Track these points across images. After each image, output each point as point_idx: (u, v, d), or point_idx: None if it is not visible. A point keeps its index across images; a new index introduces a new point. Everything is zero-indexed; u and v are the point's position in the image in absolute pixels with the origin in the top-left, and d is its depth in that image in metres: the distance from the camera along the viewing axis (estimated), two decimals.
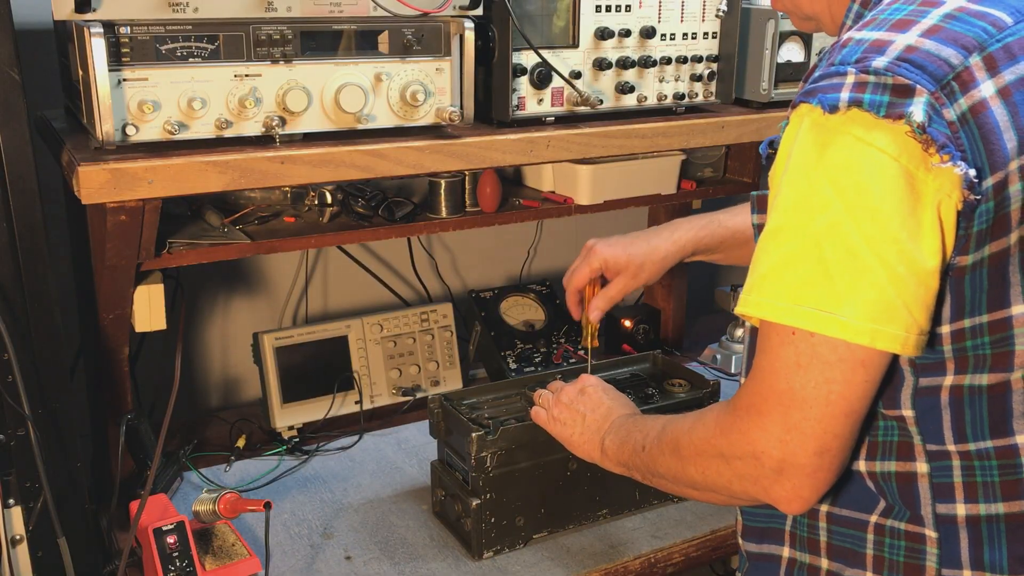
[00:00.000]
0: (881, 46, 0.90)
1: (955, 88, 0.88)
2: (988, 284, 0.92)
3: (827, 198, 0.89)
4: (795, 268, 0.91)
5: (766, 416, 0.96)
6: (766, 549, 1.15)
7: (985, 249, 0.91)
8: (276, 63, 1.36)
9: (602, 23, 1.60)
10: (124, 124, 1.28)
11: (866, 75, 0.89)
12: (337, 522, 1.63)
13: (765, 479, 0.98)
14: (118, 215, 1.34)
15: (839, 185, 0.89)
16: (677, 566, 1.59)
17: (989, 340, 0.94)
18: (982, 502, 0.98)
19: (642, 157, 1.86)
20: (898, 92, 0.87)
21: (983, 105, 0.88)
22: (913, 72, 0.87)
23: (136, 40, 1.27)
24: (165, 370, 1.68)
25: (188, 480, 1.75)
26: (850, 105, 0.88)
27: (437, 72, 1.47)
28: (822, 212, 0.89)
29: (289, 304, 2.16)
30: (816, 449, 0.94)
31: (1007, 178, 0.89)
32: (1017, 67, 0.90)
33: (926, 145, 0.86)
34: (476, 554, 1.54)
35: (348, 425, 1.93)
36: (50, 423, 1.31)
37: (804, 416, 0.93)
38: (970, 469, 0.98)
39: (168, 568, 1.38)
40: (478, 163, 1.53)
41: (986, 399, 0.96)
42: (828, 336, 0.90)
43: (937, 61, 0.88)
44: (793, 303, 0.91)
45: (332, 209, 1.69)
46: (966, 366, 0.96)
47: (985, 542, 0.98)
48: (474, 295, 2.15)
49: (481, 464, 1.50)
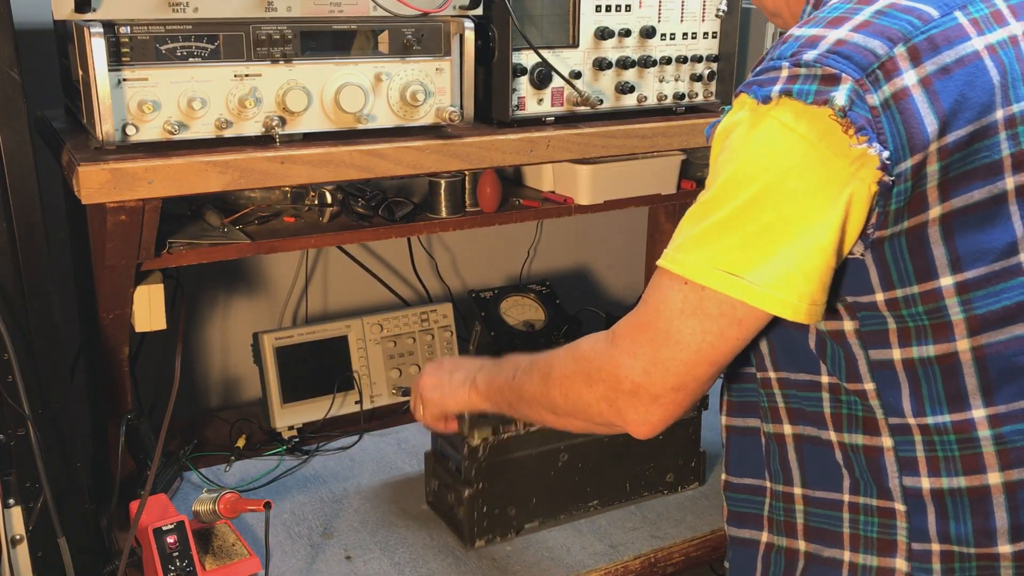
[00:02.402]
0: (815, 41, 0.97)
1: (879, 76, 0.94)
2: (909, 254, 0.98)
3: (751, 176, 0.97)
4: (716, 235, 0.98)
5: (638, 345, 1.04)
6: (746, 534, 1.19)
7: (903, 223, 0.97)
8: (276, 63, 1.36)
9: (602, 23, 1.60)
10: (124, 124, 1.28)
11: (798, 68, 0.96)
12: (337, 522, 1.63)
13: (620, 400, 1.06)
14: (118, 215, 1.34)
15: (763, 165, 0.96)
16: (677, 566, 1.59)
17: (923, 310, 0.99)
18: (944, 476, 1.01)
19: (642, 157, 1.86)
20: (826, 81, 0.94)
21: (905, 92, 0.94)
22: (840, 62, 0.94)
23: (136, 40, 1.27)
24: (165, 370, 1.68)
25: (188, 480, 1.75)
26: (780, 95, 0.95)
27: (437, 72, 1.47)
28: (746, 188, 0.97)
29: (289, 304, 2.16)
30: (675, 385, 1.03)
31: (926, 159, 0.95)
32: (939, 57, 0.96)
33: (845, 127, 0.92)
34: (468, 542, 1.56)
35: (348, 425, 1.93)
36: (50, 423, 1.31)
37: (672, 356, 1.01)
38: (931, 443, 1.01)
39: (168, 568, 1.38)
40: (478, 163, 1.53)
41: (939, 371, 1.00)
42: (725, 294, 0.97)
43: (863, 52, 0.94)
44: (709, 265, 0.98)
45: (332, 209, 1.69)
46: (909, 337, 1.00)
47: (951, 515, 1.02)
48: (474, 295, 2.15)
49: (473, 454, 1.52)
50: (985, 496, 1.01)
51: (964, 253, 0.98)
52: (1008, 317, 1.00)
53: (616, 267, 2.58)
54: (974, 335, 0.99)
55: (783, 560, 1.14)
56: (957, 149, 0.96)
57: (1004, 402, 1.00)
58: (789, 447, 1.12)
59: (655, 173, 1.93)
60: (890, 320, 1.01)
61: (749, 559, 1.18)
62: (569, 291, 2.36)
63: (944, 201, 0.97)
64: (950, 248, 0.98)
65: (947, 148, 0.95)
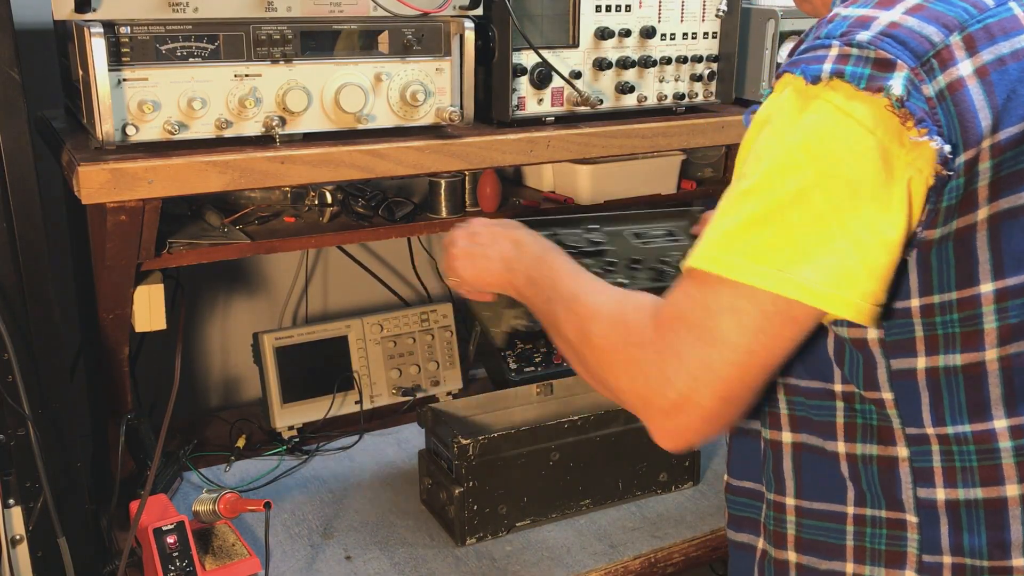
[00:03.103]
0: (866, 21, 0.92)
1: (935, 65, 0.89)
2: (955, 259, 0.93)
3: (800, 163, 0.90)
4: (760, 229, 0.92)
5: (686, 343, 0.94)
6: (743, 538, 1.16)
7: (952, 224, 0.92)
8: (276, 63, 1.36)
9: (602, 23, 1.60)
10: (124, 124, 1.28)
11: (849, 48, 0.90)
12: (337, 522, 1.63)
13: (662, 404, 0.96)
14: (118, 215, 1.34)
15: (813, 152, 0.90)
16: (677, 566, 1.59)
17: (958, 317, 0.95)
18: (961, 487, 0.98)
19: (642, 157, 1.86)
20: (879, 66, 0.89)
21: (960, 83, 0.89)
22: (895, 47, 0.89)
23: (136, 40, 1.27)
24: (165, 370, 1.68)
25: (188, 480, 1.75)
26: (832, 76, 0.89)
27: (437, 72, 1.47)
28: (793, 176, 0.90)
29: (289, 304, 2.16)
30: (724, 394, 0.94)
31: (979, 155, 0.90)
32: (995, 47, 0.91)
33: (904, 119, 0.88)
34: (459, 541, 1.57)
35: (348, 425, 1.93)
36: (50, 423, 1.31)
37: (723, 359, 0.92)
38: (949, 454, 0.98)
39: (168, 568, 1.38)
40: (478, 163, 1.52)
41: (962, 381, 0.96)
42: (779, 294, 0.90)
43: (919, 38, 0.90)
44: (753, 262, 0.91)
45: (332, 209, 1.69)
46: (936, 345, 0.96)
47: (964, 527, 0.99)
48: None
49: (464, 452, 1.52)
50: (1002, 508, 0.98)
51: (1007, 258, 0.93)
52: None
53: None
54: (1003, 344, 0.95)
55: (774, 570, 1.10)
56: (1010, 147, 0.91)
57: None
58: (786, 456, 1.07)
59: (655, 173, 1.93)
60: (919, 327, 0.96)
61: (747, 564, 1.15)
62: None
63: (992, 201, 0.92)
64: (995, 252, 0.93)
65: (1000, 145, 0.91)
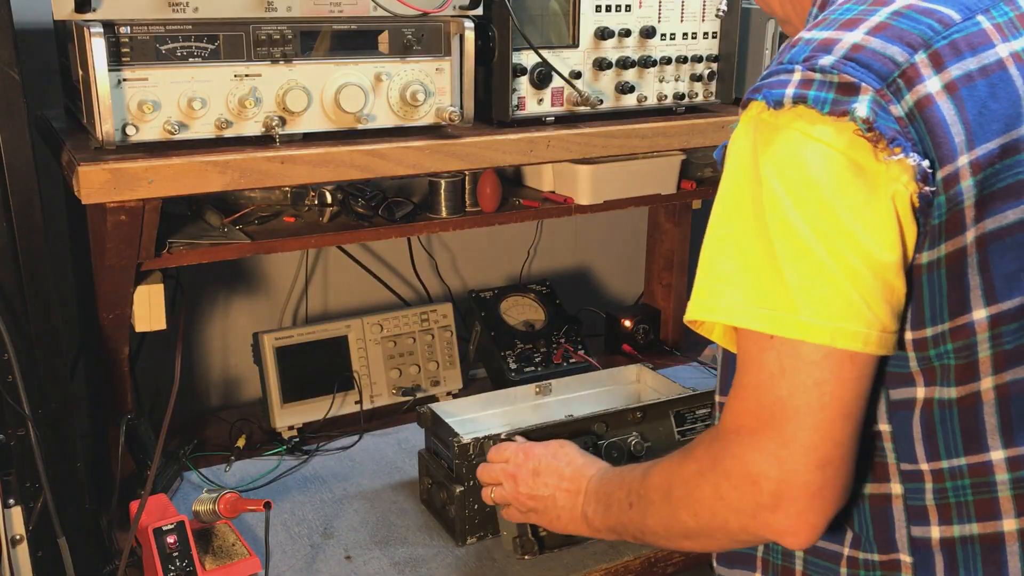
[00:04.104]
0: (829, 45, 0.90)
1: (901, 85, 0.87)
2: (947, 286, 0.90)
3: (776, 194, 0.88)
4: (750, 269, 0.90)
5: (758, 434, 0.90)
6: (736, 574, 1.12)
7: (942, 247, 0.89)
8: (276, 63, 1.36)
9: (602, 23, 1.60)
10: (124, 124, 1.28)
11: (812, 73, 0.89)
12: (337, 522, 1.63)
13: (764, 508, 0.91)
14: (118, 215, 1.34)
15: (787, 180, 0.87)
16: (677, 566, 1.59)
17: (952, 348, 0.92)
18: (956, 523, 0.95)
19: (642, 157, 1.86)
20: (843, 90, 0.87)
21: (929, 100, 0.87)
22: (858, 70, 0.87)
23: (136, 40, 1.27)
24: (165, 370, 1.68)
25: (188, 480, 1.75)
26: (795, 101, 0.88)
27: (437, 72, 1.47)
28: (773, 209, 0.88)
29: (289, 304, 2.16)
30: (817, 462, 0.89)
31: (958, 173, 0.88)
32: (963, 63, 0.89)
33: (875, 140, 0.86)
34: (459, 540, 1.56)
35: (348, 425, 1.93)
36: (50, 423, 1.31)
37: (799, 426, 0.88)
38: (943, 490, 0.95)
39: (168, 568, 1.38)
40: (478, 163, 1.52)
41: (957, 413, 0.93)
42: (790, 338, 0.87)
43: (882, 59, 0.88)
44: (751, 304, 0.89)
45: (332, 209, 1.69)
46: (933, 378, 0.93)
47: (960, 565, 0.95)
48: (474, 295, 2.15)
49: (464, 452, 1.52)
50: (999, 544, 0.94)
51: (998, 282, 0.90)
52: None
53: (616, 267, 2.58)
54: (998, 372, 0.92)
55: None
56: (988, 164, 0.88)
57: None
58: None
59: (655, 173, 1.93)
60: (913, 360, 0.93)
61: None
62: (569, 291, 2.36)
63: (979, 222, 0.89)
64: (985, 276, 0.90)
65: (979, 162, 0.88)
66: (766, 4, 1.17)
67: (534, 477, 1.30)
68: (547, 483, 1.28)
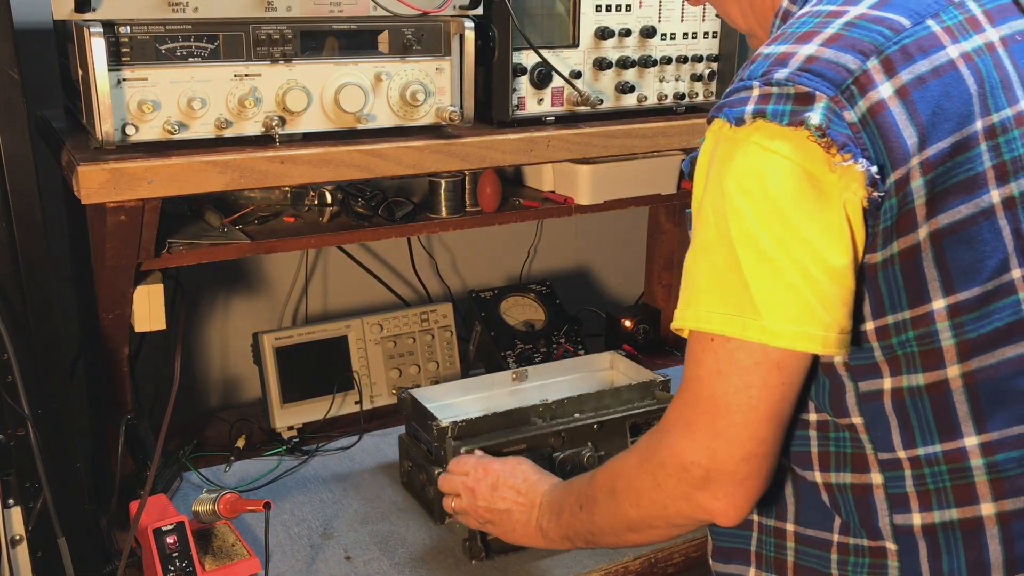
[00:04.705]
0: (784, 59, 0.94)
1: (854, 91, 0.91)
2: (903, 279, 0.94)
3: (738, 206, 0.92)
4: (718, 277, 0.95)
5: (693, 426, 0.98)
6: (732, 570, 1.15)
7: (893, 246, 0.93)
8: (276, 63, 1.36)
9: (602, 23, 1.60)
10: (124, 124, 1.28)
11: (769, 87, 0.92)
12: (337, 522, 1.63)
13: (696, 492, 1.00)
14: (118, 215, 1.34)
15: (747, 192, 0.92)
16: (677, 566, 1.59)
17: (914, 336, 0.95)
18: (936, 509, 0.98)
19: (642, 157, 1.86)
20: (799, 100, 0.91)
21: (881, 105, 0.91)
22: (813, 80, 0.91)
23: (136, 40, 1.27)
24: (165, 370, 1.68)
25: (188, 480, 1.75)
26: (755, 117, 0.92)
27: (437, 72, 1.47)
28: (735, 220, 0.93)
29: (289, 304, 2.16)
30: (743, 455, 0.97)
31: (909, 174, 0.92)
32: (914, 67, 0.93)
33: (827, 146, 0.89)
34: (438, 520, 1.60)
35: (348, 425, 1.93)
36: (50, 423, 1.31)
37: (729, 422, 0.96)
38: (921, 477, 0.98)
39: (168, 568, 1.38)
40: (478, 163, 1.53)
41: (928, 401, 0.97)
42: (746, 340, 0.93)
43: (835, 67, 0.91)
44: (719, 311, 0.94)
45: (332, 209, 1.69)
46: (899, 366, 0.97)
47: (943, 551, 0.98)
48: (474, 295, 2.15)
49: (443, 435, 1.55)
50: (978, 528, 0.97)
51: (956, 273, 0.94)
52: (998, 339, 0.96)
53: (616, 267, 2.58)
54: (964, 360, 0.95)
55: None
56: (940, 162, 0.92)
57: (996, 429, 0.96)
58: (787, 480, 1.07)
59: (655, 173, 1.93)
60: (878, 350, 0.97)
61: None
62: (569, 291, 2.36)
63: (931, 218, 0.93)
64: (942, 269, 0.94)
65: (929, 162, 0.91)
66: (730, 19, 1.21)
67: (492, 491, 1.36)
68: (504, 497, 1.35)
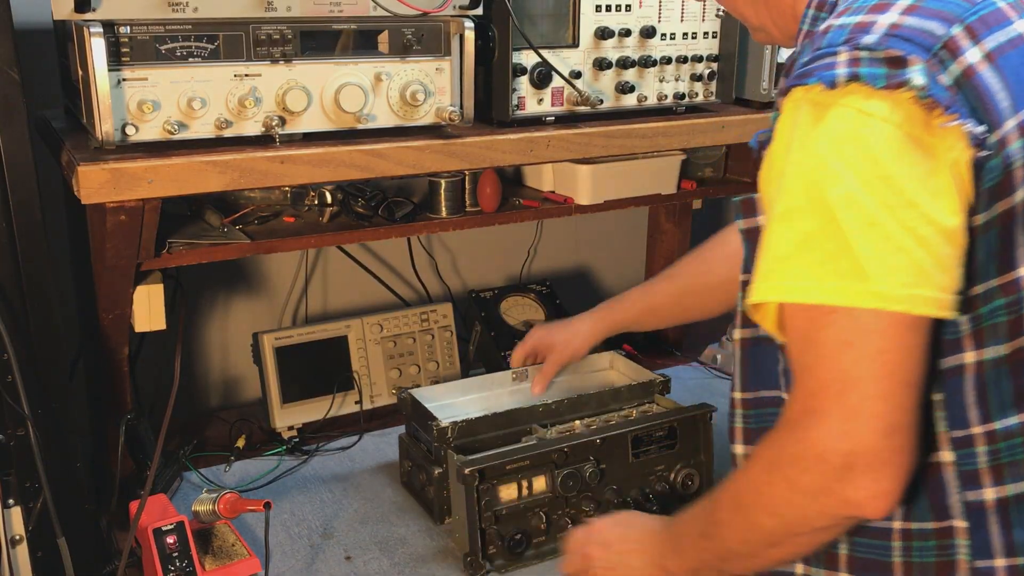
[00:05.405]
0: (866, 26, 0.92)
1: (944, 56, 0.90)
2: (999, 245, 0.92)
3: (836, 171, 0.89)
4: (815, 246, 0.89)
5: (823, 409, 0.89)
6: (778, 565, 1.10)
7: (995, 207, 0.91)
8: (276, 63, 1.36)
9: (602, 23, 1.60)
10: (124, 124, 1.28)
11: (858, 51, 0.90)
12: (337, 522, 1.63)
13: (838, 484, 0.89)
14: (118, 215, 1.34)
15: (847, 157, 0.88)
16: None
17: (1003, 303, 0.93)
18: (1009, 482, 0.95)
19: (642, 157, 1.86)
20: (892, 63, 0.89)
21: (972, 70, 0.91)
22: (903, 44, 0.89)
23: (136, 40, 1.27)
24: (165, 370, 1.68)
25: (188, 480, 1.75)
26: (848, 80, 0.89)
27: (437, 72, 1.47)
28: (834, 186, 0.89)
29: (289, 304, 2.16)
30: (884, 429, 0.88)
31: (1006, 137, 0.91)
32: (995, 36, 0.93)
33: (931, 107, 0.87)
34: (437, 520, 1.60)
35: (348, 425, 1.93)
36: (50, 423, 1.31)
37: (863, 395, 0.88)
38: (995, 452, 0.95)
39: (168, 568, 1.38)
40: (478, 163, 1.53)
41: (1008, 371, 0.94)
42: (855, 307, 0.87)
43: (923, 34, 0.91)
44: (819, 281, 0.89)
45: (332, 209, 1.69)
46: (982, 339, 0.94)
47: (1015, 523, 0.96)
48: (474, 295, 2.15)
49: (442, 435, 1.55)
50: None
51: None
52: None
53: (616, 267, 2.58)
54: None
55: None
56: None
57: None
58: None
59: (655, 173, 1.93)
60: (965, 323, 0.94)
61: None
62: (569, 291, 2.36)
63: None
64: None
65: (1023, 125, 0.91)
66: (736, 10, 1.19)
67: (605, 550, 1.28)
68: (619, 551, 1.27)
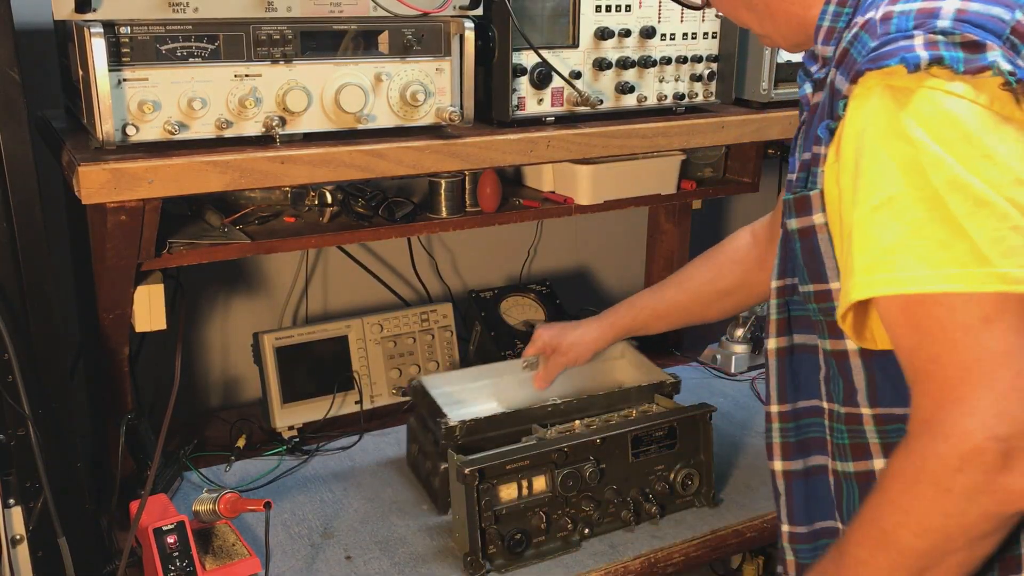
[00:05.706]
0: (931, 12, 0.90)
1: (1015, 41, 0.90)
2: None
3: (935, 155, 0.85)
4: (926, 233, 0.85)
5: (968, 399, 0.83)
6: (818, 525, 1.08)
7: None
8: (276, 63, 1.36)
9: (602, 23, 1.60)
10: (124, 124, 1.28)
11: (934, 35, 0.87)
12: (337, 522, 1.63)
13: (999, 475, 0.82)
14: (118, 215, 1.34)
15: (944, 139, 0.85)
16: (677, 566, 1.59)
17: None
18: None
19: (642, 157, 1.86)
20: (970, 48, 0.87)
21: None
22: (976, 30, 0.87)
23: (136, 40, 1.27)
24: (165, 370, 1.68)
25: (188, 480, 1.75)
26: (931, 63, 0.86)
27: (437, 72, 1.47)
28: (936, 169, 0.85)
29: (289, 304, 2.16)
30: None
31: None
32: None
33: (1020, 93, 0.86)
34: (442, 509, 1.63)
35: (348, 425, 1.93)
36: (50, 423, 1.31)
37: (1016, 371, 0.82)
38: None
39: (168, 568, 1.38)
40: (478, 163, 1.53)
41: None
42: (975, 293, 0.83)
43: (991, 19, 0.89)
44: (937, 268, 0.84)
45: (332, 209, 1.69)
46: None
47: None
48: (474, 295, 2.15)
49: (451, 433, 1.56)
50: None
51: None
52: None
53: (616, 267, 2.58)
54: None
55: None
56: None
57: None
58: None
59: (655, 173, 1.93)
60: None
61: None
62: (569, 291, 2.36)
63: None
64: None
65: None
66: (740, 20, 1.16)
67: None
68: None
